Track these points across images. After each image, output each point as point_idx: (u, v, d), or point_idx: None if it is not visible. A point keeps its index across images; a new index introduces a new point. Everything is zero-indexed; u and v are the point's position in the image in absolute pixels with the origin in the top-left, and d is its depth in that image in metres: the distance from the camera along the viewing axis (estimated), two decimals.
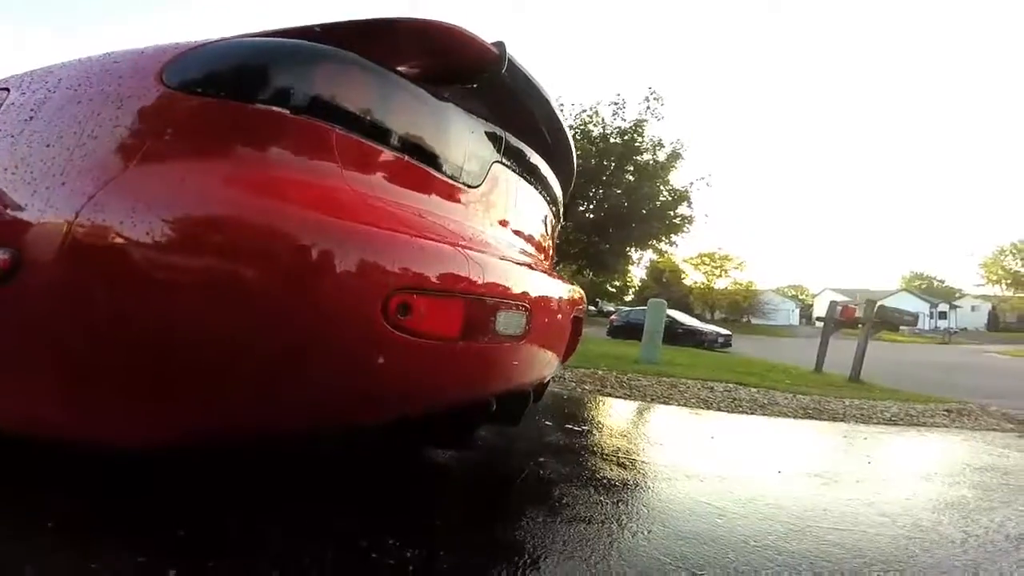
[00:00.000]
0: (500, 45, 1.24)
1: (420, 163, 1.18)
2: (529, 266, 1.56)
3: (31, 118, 1.06)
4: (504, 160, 1.49)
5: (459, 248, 1.13)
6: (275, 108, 0.95)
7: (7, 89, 1.20)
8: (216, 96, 0.95)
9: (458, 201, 1.31)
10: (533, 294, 1.40)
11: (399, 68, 1.15)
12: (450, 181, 1.28)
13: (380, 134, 1.09)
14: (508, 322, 1.25)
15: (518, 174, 1.60)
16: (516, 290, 1.31)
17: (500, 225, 1.51)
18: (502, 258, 1.33)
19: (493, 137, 1.44)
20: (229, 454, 1.38)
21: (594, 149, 10.72)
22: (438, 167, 1.23)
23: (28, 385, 0.92)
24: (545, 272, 1.75)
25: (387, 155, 1.11)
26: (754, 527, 1.47)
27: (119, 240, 0.84)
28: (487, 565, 1.13)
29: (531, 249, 1.76)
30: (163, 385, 0.88)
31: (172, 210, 0.86)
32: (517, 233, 1.66)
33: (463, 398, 1.31)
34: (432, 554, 1.14)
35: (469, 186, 1.34)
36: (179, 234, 0.85)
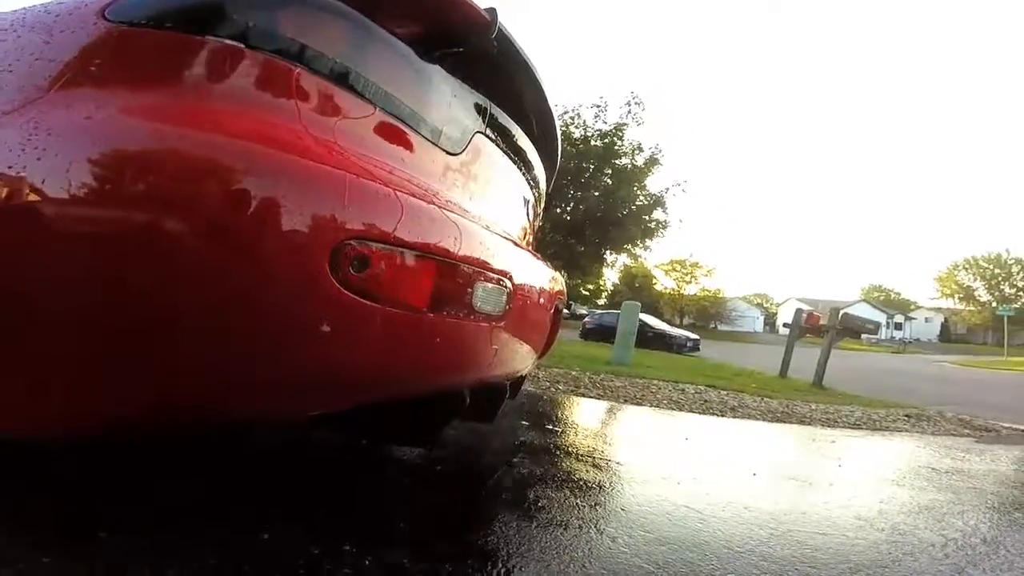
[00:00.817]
0: (492, 11, 1.17)
1: (394, 118, 1.07)
2: (512, 242, 1.46)
3: None
4: (488, 133, 1.40)
5: (433, 204, 1.01)
6: (228, 42, 0.84)
7: None
8: (162, 28, 0.84)
9: (435, 164, 1.21)
10: (515, 270, 1.28)
11: (381, 20, 1.05)
12: (427, 142, 1.17)
13: (350, 81, 0.97)
14: (487, 297, 1.13)
15: (502, 150, 1.51)
16: (497, 263, 1.18)
17: (481, 197, 1.40)
18: (482, 227, 1.22)
19: (478, 107, 1.35)
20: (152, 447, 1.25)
21: (574, 151, 10.80)
22: (414, 125, 1.12)
23: None
24: (528, 251, 1.67)
25: (356, 104, 0.99)
26: (735, 531, 1.43)
27: (12, 175, 0.73)
28: (457, 575, 1.05)
29: (513, 228, 1.67)
30: (49, 366, 0.76)
31: (76, 138, 0.74)
32: (499, 209, 1.55)
33: (433, 386, 1.17)
34: (395, 563, 1.05)
35: (449, 152, 1.24)
36: (83, 166, 0.72)
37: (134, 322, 0.74)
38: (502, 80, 1.41)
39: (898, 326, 57.23)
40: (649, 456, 2.39)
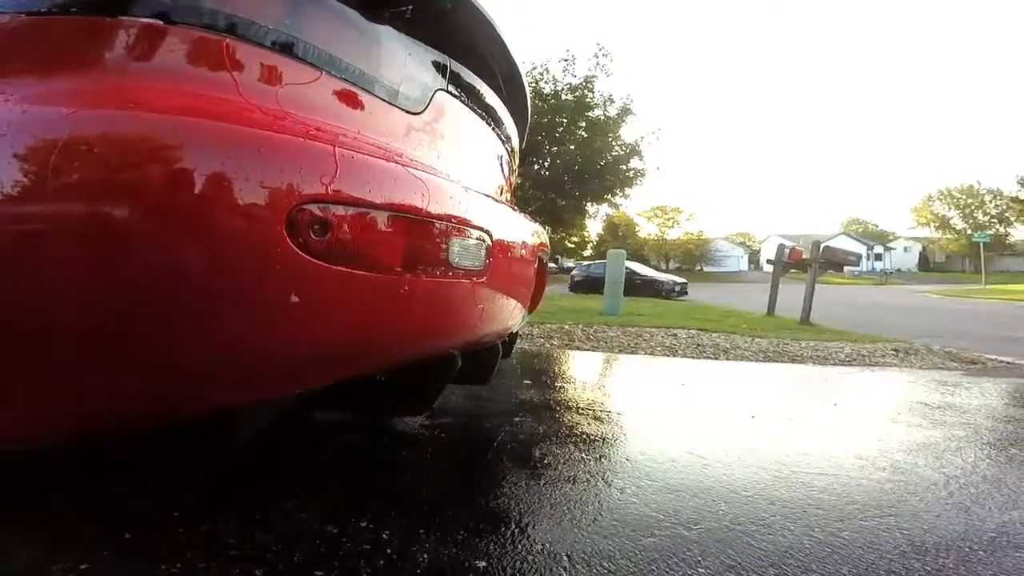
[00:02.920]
0: None
1: (343, 81, 1.01)
2: (488, 197, 1.42)
3: None
4: (451, 90, 1.35)
5: (394, 163, 0.96)
6: (144, 20, 0.78)
7: None
8: (68, 14, 0.78)
9: (395, 124, 1.15)
10: (493, 224, 1.25)
11: None
12: (383, 102, 1.11)
13: (289, 47, 0.91)
14: (465, 253, 1.10)
15: (468, 107, 1.46)
16: (472, 217, 1.15)
17: (450, 155, 1.35)
18: (454, 183, 1.17)
19: (437, 65, 1.29)
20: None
21: (546, 106, 10.73)
22: (366, 87, 1.06)
23: None
24: (506, 205, 1.62)
25: (299, 69, 0.93)
26: (740, 475, 1.44)
27: None
28: (471, 540, 1.04)
29: (488, 184, 1.62)
30: (15, 372, 0.72)
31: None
32: (471, 165, 1.51)
33: (420, 351, 1.13)
34: (411, 533, 1.04)
35: (408, 111, 1.18)
36: (18, 164, 0.66)
37: (95, 318, 0.69)
38: (461, 37, 1.36)
39: (878, 257, 58.30)
40: (648, 405, 2.41)
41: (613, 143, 11.53)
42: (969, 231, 49.57)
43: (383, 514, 1.11)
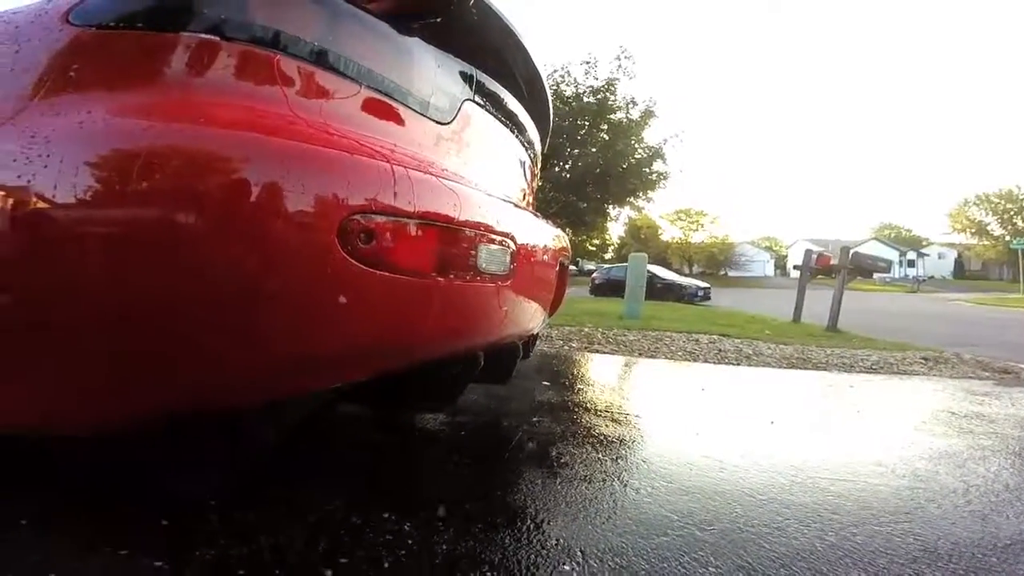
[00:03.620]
0: None
1: (379, 94, 1.07)
2: (512, 204, 1.48)
3: None
4: (476, 99, 1.41)
5: (429, 174, 1.03)
6: (202, 36, 0.84)
7: None
8: (134, 28, 0.84)
9: (426, 135, 1.21)
10: (517, 230, 1.30)
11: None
12: (415, 114, 1.17)
13: (331, 62, 0.98)
14: (491, 258, 1.15)
15: (493, 115, 1.52)
16: (498, 224, 1.21)
17: (476, 163, 1.41)
18: (480, 191, 1.23)
19: (464, 76, 1.35)
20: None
21: (567, 109, 10.70)
22: (401, 99, 1.13)
23: None
24: (529, 211, 1.67)
25: (340, 83, 1.00)
26: (757, 480, 1.45)
27: (10, 185, 0.72)
28: (488, 534, 1.08)
29: (511, 190, 1.68)
30: (82, 365, 0.78)
31: (75, 143, 0.74)
32: (495, 172, 1.57)
33: (448, 350, 1.20)
34: (431, 525, 1.08)
35: (439, 122, 1.24)
36: (86, 169, 0.72)
37: (166, 315, 0.75)
38: (485, 47, 1.41)
39: (911, 263, 56.59)
40: (667, 408, 2.42)
41: (636, 146, 11.43)
42: (1008, 237, 47.83)
43: (405, 507, 1.15)
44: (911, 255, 58.22)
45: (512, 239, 1.26)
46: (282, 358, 0.85)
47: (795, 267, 8.97)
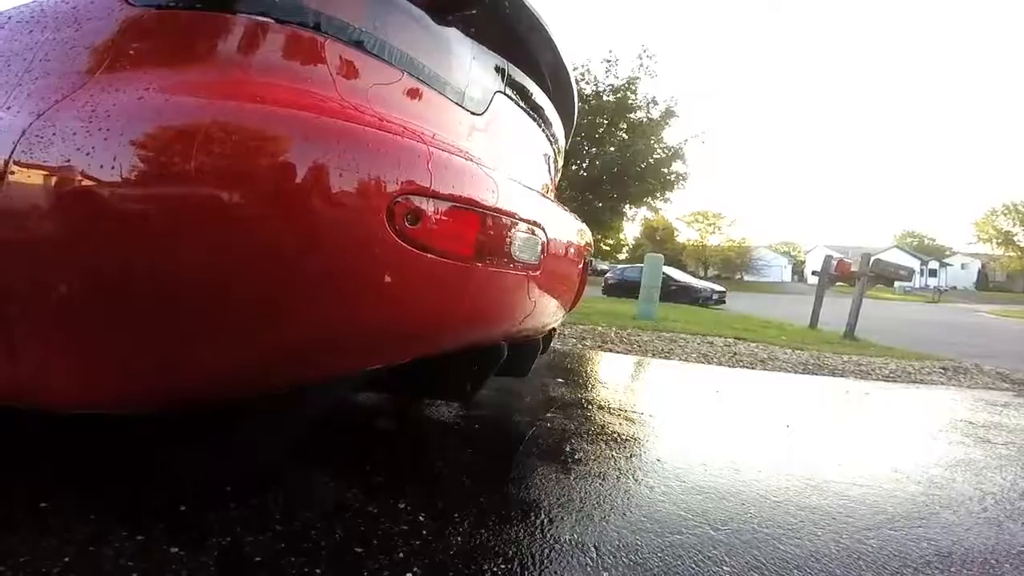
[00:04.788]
0: None
1: (420, 83, 1.10)
2: (541, 195, 1.51)
3: None
4: (507, 92, 1.43)
5: (470, 159, 1.05)
6: (256, 17, 0.87)
7: None
8: (192, 8, 0.86)
9: (461, 124, 1.24)
10: (547, 222, 1.32)
11: None
12: (452, 103, 1.20)
13: (377, 49, 1.00)
14: (524, 247, 1.18)
15: (521, 108, 1.54)
16: (531, 214, 1.23)
17: (505, 154, 1.44)
18: (514, 180, 1.25)
19: (496, 68, 1.38)
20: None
21: (586, 106, 10.62)
22: (440, 88, 1.16)
23: None
24: (557, 204, 1.70)
25: (386, 70, 1.03)
26: (771, 481, 1.45)
27: (71, 159, 0.74)
28: (502, 526, 1.09)
29: (537, 182, 1.70)
30: (135, 341, 0.80)
31: (135, 118, 0.75)
32: (523, 164, 1.59)
33: (477, 337, 1.23)
34: (446, 516, 1.10)
35: (472, 112, 1.27)
36: (145, 145, 0.74)
37: (227, 289, 0.78)
38: (516, 39, 1.43)
39: (933, 273, 55.53)
40: (681, 409, 2.42)
41: (655, 145, 11.33)
42: None
43: (420, 497, 1.17)
44: (933, 264, 57.17)
45: (543, 229, 1.28)
46: (330, 334, 0.87)
47: (813, 273, 8.85)
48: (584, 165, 11.21)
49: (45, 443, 1.26)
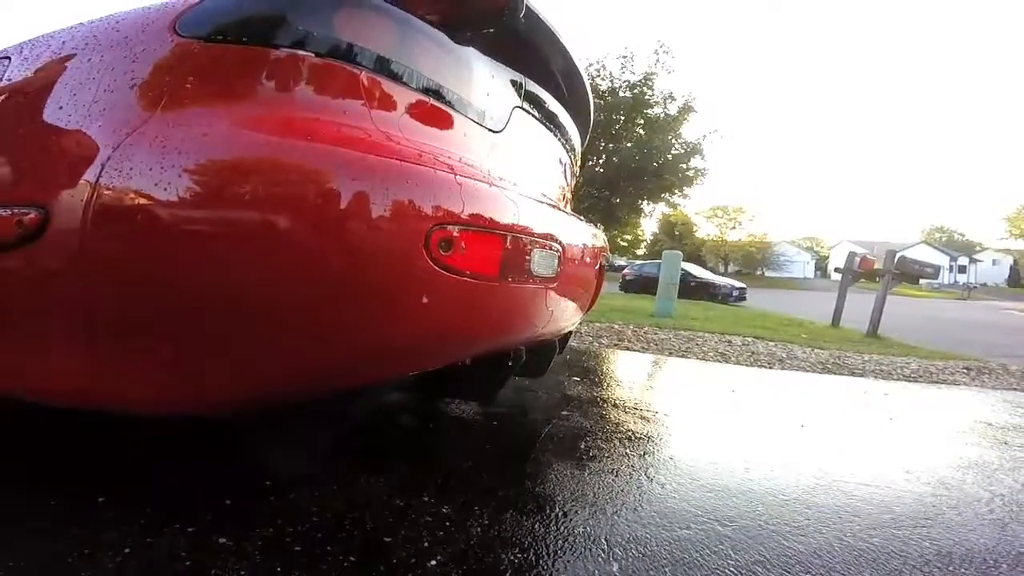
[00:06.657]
0: None
1: (445, 106, 1.17)
2: (558, 208, 1.58)
3: (39, 83, 1.02)
4: (525, 106, 1.49)
5: (492, 185, 1.13)
6: (298, 52, 0.94)
7: (8, 57, 1.15)
8: (237, 43, 0.93)
9: (482, 144, 1.30)
10: (563, 235, 1.40)
11: (417, 11, 1.12)
12: (474, 124, 1.27)
13: (404, 77, 1.07)
14: (542, 262, 1.26)
15: (538, 120, 1.60)
16: (548, 230, 1.31)
17: (524, 168, 1.51)
18: (530, 198, 1.32)
19: (513, 83, 1.44)
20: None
21: (602, 103, 10.56)
22: (462, 110, 1.23)
23: (46, 351, 0.90)
24: (572, 215, 1.76)
25: (413, 97, 1.10)
26: (781, 481, 1.49)
27: (150, 189, 0.81)
28: (519, 519, 1.16)
29: (554, 192, 1.77)
30: (195, 349, 0.87)
31: (201, 153, 0.83)
32: (540, 176, 1.66)
33: (500, 345, 1.32)
34: (467, 509, 1.17)
35: (492, 131, 1.33)
36: (212, 178, 0.82)
37: (288, 304, 0.86)
38: (532, 53, 1.49)
39: (962, 269, 54.05)
40: (696, 408, 2.45)
41: (673, 141, 11.23)
42: None
43: (443, 491, 1.25)
44: (962, 260, 55.63)
45: (560, 243, 1.35)
46: (378, 347, 0.98)
47: (836, 270, 8.70)
48: (600, 162, 11.17)
49: (89, 445, 1.36)
